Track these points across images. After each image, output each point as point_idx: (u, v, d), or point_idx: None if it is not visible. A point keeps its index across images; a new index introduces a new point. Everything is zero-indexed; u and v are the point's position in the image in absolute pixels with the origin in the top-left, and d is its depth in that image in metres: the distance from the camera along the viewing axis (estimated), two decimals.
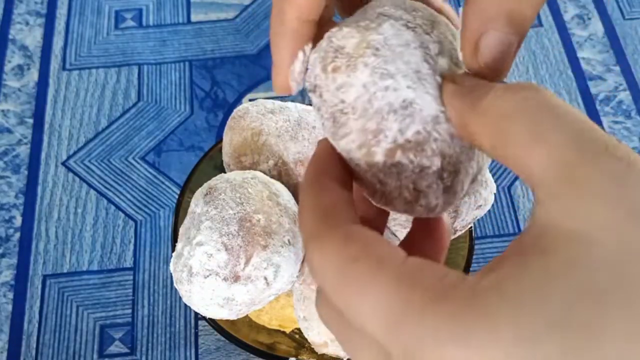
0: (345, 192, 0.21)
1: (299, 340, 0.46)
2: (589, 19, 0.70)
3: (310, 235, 0.20)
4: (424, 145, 0.21)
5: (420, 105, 0.21)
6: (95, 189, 0.59)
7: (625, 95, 0.65)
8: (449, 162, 0.21)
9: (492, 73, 0.21)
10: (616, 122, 0.63)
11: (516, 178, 0.60)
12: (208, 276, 0.38)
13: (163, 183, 0.59)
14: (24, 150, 0.61)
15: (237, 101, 0.64)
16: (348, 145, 0.22)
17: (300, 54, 0.24)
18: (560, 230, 0.16)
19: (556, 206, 0.17)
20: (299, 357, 0.43)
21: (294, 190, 0.45)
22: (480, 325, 0.15)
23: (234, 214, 0.39)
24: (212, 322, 0.43)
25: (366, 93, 0.21)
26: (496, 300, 0.16)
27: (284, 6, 0.23)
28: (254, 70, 0.66)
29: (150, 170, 0.60)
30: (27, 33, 0.69)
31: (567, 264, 0.16)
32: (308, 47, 0.24)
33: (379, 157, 0.21)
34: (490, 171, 0.51)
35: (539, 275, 0.16)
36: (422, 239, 0.24)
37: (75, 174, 0.60)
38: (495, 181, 0.59)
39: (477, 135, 0.19)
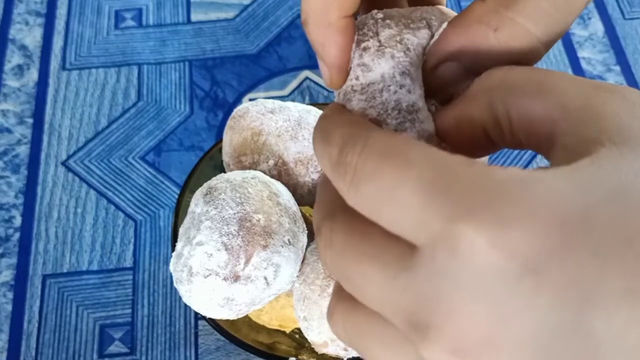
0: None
1: (299, 340, 0.46)
2: (589, 18, 0.70)
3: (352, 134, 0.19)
4: None
5: (424, 118, 0.21)
6: (95, 189, 0.59)
7: None
8: None
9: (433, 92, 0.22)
10: None
11: None
12: (208, 276, 0.38)
13: (163, 183, 0.59)
14: (23, 150, 0.61)
15: (237, 101, 0.64)
16: None
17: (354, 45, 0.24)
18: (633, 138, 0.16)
19: (587, 121, 0.17)
20: (299, 357, 0.43)
21: (293, 190, 0.45)
22: (518, 219, 0.15)
23: (234, 213, 0.39)
24: (212, 322, 0.43)
25: (382, 82, 0.22)
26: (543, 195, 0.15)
27: (328, 8, 0.23)
28: (254, 70, 0.66)
29: (150, 170, 0.60)
30: (26, 33, 0.69)
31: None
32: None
33: None
34: None
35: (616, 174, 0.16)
36: None
37: (75, 173, 0.60)
38: None
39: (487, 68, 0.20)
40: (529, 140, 0.19)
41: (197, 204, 0.41)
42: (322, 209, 0.20)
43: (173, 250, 0.43)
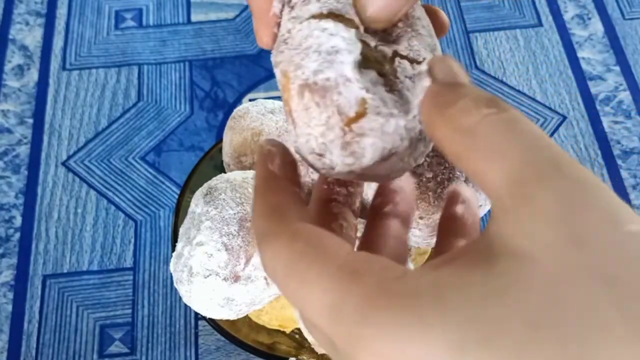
0: (292, 189, 0.22)
1: (299, 340, 0.46)
2: (589, 18, 0.70)
3: (261, 234, 0.20)
4: (327, 93, 0.21)
5: (344, 59, 0.21)
6: (95, 189, 0.59)
7: (625, 95, 0.65)
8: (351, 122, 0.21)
9: (374, 23, 0.22)
10: (616, 122, 0.63)
11: None
12: (208, 276, 0.38)
13: (163, 183, 0.59)
14: (24, 150, 0.61)
15: (237, 101, 0.64)
16: (278, 75, 0.23)
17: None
18: (505, 247, 0.16)
19: (505, 222, 0.17)
20: (299, 357, 0.43)
21: None
22: (414, 329, 0.16)
23: (234, 214, 0.39)
24: (212, 322, 0.43)
25: (307, 29, 0.22)
26: (432, 305, 0.16)
27: None
28: (254, 70, 0.66)
29: (150, 170, 0.60)
30: (27, 33, 0.69)
31: (505, 281, 0.16)
32: None
33: (294, 92, 0.22)
34: None
35: (477, 290, 0.16)
36: None
37: (75, 174, 0.60)
38: None
39: (442, 141, 0.20)
40: None
41: (197, 204, 0.41)
42: (262, 224, 0.21)
43: (173, 250, 0.43)
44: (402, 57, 0.23)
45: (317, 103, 0.21)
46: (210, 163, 0.50)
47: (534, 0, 0.72)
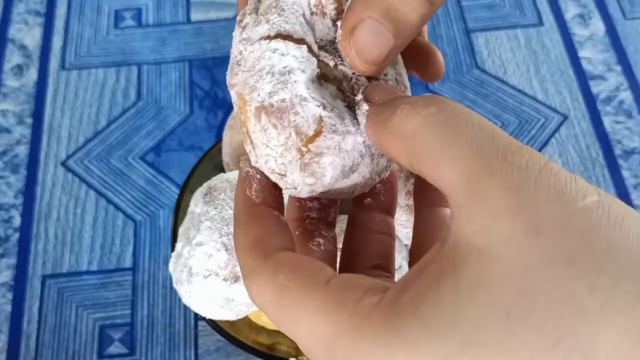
0: (271, 215, 0.22)
1: None
2: (590, 18, 0.70)
3: (244, 269, 0.21)
4: (283, 114, 0.21)
5: (297, 78, 0.21)
6: (94, 189, 0.59)
7: (626, 95, 0.65)
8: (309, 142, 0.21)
9: (365, 67, 0.22)
10: (617, 122, 0.63)
11: None
12: (208, 276, 0.38)
13: (162, 183, 0.59)
14: (23, 150, 0.61)
15: None
16: (234, 97, 0.23)
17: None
18: (468, 246, 0.16)
19: (464, 221, 0.17)
20: (298, 357, 0.43)
21: None
22: (401, 350, 0.16)
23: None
24: (212, 323, 0.43)
25: (258, 50, 0.22)
26: (413, 324, 0.16)
27: None
28: None
29: (150, 170, 0.60)
30: (26, 32, 0.69)
31: (474, 282, 0.16)
32: None
33: (250, 115, 0.22)
34: None
35: (450, 298, 0.16)
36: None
37: (75, 173, 0.60)
38: None
39: (393, 154, 0.20)
40: None
41: (196, 204, 0.40)
42: (244, 258, 0.21)
43: (172, 250, 0.42)
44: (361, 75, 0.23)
45: (275, 125, 0.21)
46: (210, 163, 0.50)
47: (535, 0, 0.72)
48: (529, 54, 0.67)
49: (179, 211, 0.47)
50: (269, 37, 0.22)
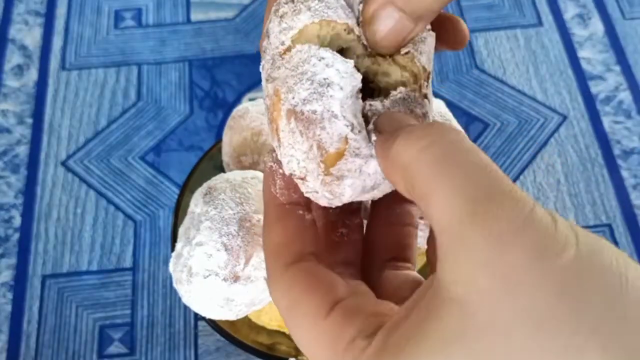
0: (295, 215, 0.22)
1: None
2: (589, 18, 0.70)
3: (267, 273, 0.22)
4: (310, 125, 0.21)
5: (334, 93, 0.21)
6: (94, 189, 0.59)
7: (625, 95, 0.65)
8: (331, 162, 0.21)
9: (385, 50, 0.23)
10: (616, 122, 0.63)
11: (516, 178, 0.60)
12: (208, 276, 0.38)
13: (162, 183, 0.59)
14: (23, 150, 0.61)
15: (237, 101, 0.64)
16: (268, 90, 0.23)
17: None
18: (449, 294, 0.17)
19: (447, 267, 0.17)
20: (298, 357, 0.43)
21: None
22: None
23: (234, 214, 0.39)
24: (212, 323, 0.43)
25: (306, 52, 0.22)
26: None
27: None
28: (254, 69, 0.66)
29: (150, 170, 0.60)
30: (26, 33, 0.69)
31: (452, 335, 0.16)
32: None
33: (283, 114, 0.22)
34: None
35: (431, 345, 0.16)
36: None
37: (75, 173, 0.60)
38: None
39: (394, 181, 0.20)
40: None
41: (196, 204, 0.40)
42: (267, 262, 0.22)
43: (172, 250, 0.42)
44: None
45: (301, 132, 0.21)
46: (210, 163, 0.50)
47: (534, 0, 0.72)
48: (528, 54, 0.68)
49: (179, 211, 0.47)
50: (313, 24, 0.22)
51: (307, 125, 0.21)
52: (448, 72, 0.66)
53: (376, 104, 0.22)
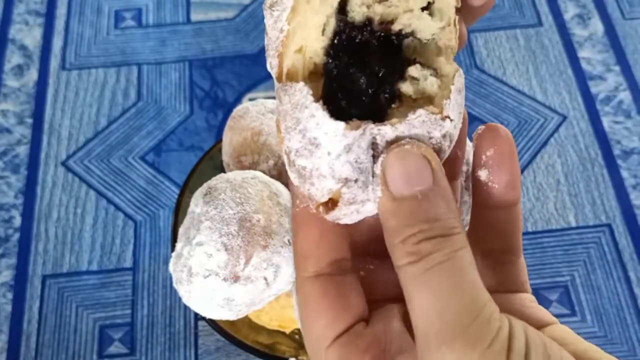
0: (315, 227, 0.22)
1: (298, 340, 0.46)
2: (589, 18, 0.70)
3: (295, 279, 0.23)
4: (301, 178, 0.21)
5: (322, 155, 0.20)
6: (94, 189, 0.59)
7: (625, 95, 0.65)
8: (324, 211, 0.21)
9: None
10: (616, 122, 0.63)
11: None
12: (208, 276, 0.38)
13: (163, 183, 0.59)
14: (23, 150, 0.61)
15: (237, 101, 0.64)
16: (276, 114, 0.22)
17: None
18: None
19: None
20: (298, 357, 0.43)
21: None
22: None
23: (234, 214, 0.39)
24: (212, 323, 0.43)
25: (299, 94, 0.20)
26: None
27: None
28: (254, 70, 0.66)
29: (150, 170, 0.60)
30: (26, 33, 0.69)
31: None
32: None
33: (283, 149, 0.21)
34: None
35: None
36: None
37: (75, 174, 0.60)
38: None
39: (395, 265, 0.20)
40: None
41: (196, 204, 0.40)
42: (295, 266, 0.23)
43: (173, 250, 0.42)
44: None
45: (296, 178, 0.21)
46: (210, 163, 0.50)
47: (534, 0, 0.72)
48: (528, 54, 0.68)
49: (179, 211, 0.47)
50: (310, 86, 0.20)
51: (299, 176, 0.21)
52: None
53: (386, 129, 0.20)
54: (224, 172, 0.45)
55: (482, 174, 0.23)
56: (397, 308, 0.22)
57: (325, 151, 0.20)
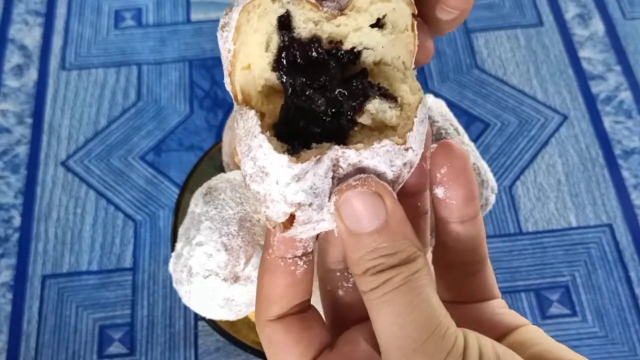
0: (280, 274, 0.23)
1: None
2: (590, 18, 0.70)
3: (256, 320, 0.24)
4: (257, 201, 0.21)
5: (272, 182, 0.21)
6: (94, 189, 0.59)
7: (626, 95, 0.65)
8: (281, 229, 0.22)
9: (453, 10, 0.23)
10: (617, 122, 0.63)
11: (517, 178, 0.60)
12: (208, 276, 0.38)
13: (162, 183, 0.59)
14: (23, 150, 0.61)
15: None
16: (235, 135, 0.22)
17: None
18: None
19: None
20: None
21: None
22: None
23: (234, 214, 0.38)
24: (212, 323, 0.43)
25: (250, 121, 0.21)
26: None
27: None
28: None
29: (150, 170, 0.60)
30: (26, 33, 0.69)
31: None
32: None
33: (242, 170, 0.22)
34: (491, 170, 0.50)
35: None
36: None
37: (75, 174, 0.60)
38: (496, 181, 0.59)
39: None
40: None
41: (196, 204, 0.40)
42: (257, 310, 0.24)
43: (172, 250, 0.42)
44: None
45: (252, 199, 0.22)
46: (210, 163, 0.50)
47: (535, 0, 0.72)
48: (528, 54, 0.67)
49: (179, 211, 0.47)
50: (242, 13, 0.20)
51: (255, 199, 0.21)
52: (448, 72, 0.66)
53: (350, 153, 0.20)
54: (224, 172, 0.45)
55: (439, 192, 0.23)
56: (366, 329, 0.23)
57: (274, 180, 0.20)
